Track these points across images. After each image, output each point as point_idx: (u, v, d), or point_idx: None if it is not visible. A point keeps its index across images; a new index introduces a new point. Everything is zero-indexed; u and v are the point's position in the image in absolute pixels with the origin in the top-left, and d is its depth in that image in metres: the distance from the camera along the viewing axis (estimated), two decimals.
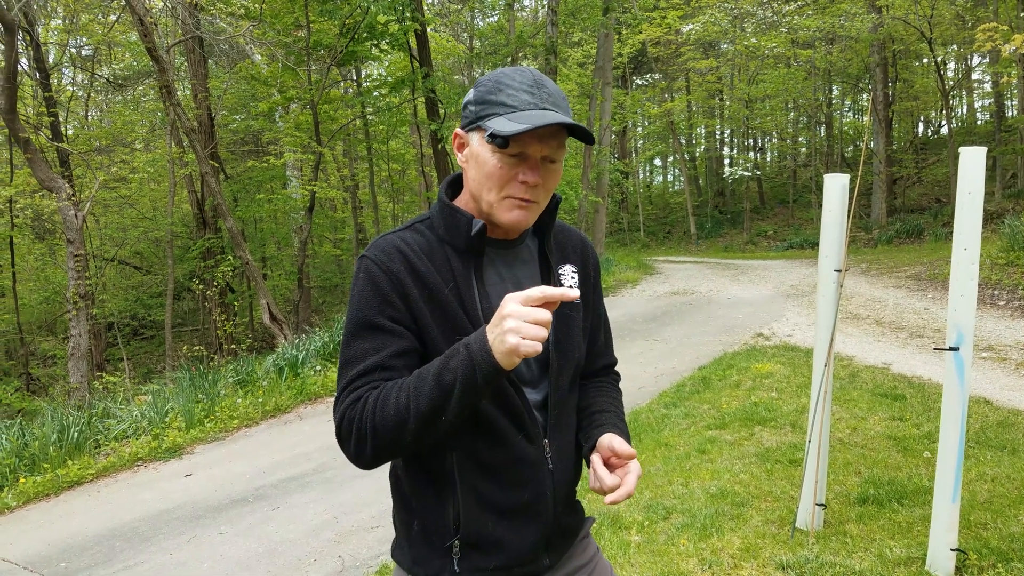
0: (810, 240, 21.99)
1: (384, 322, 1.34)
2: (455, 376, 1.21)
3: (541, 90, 1.34)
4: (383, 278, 1.35)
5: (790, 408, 6.03)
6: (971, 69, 27.58)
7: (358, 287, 1.37)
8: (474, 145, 1.37)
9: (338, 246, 22.81)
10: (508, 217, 1.36)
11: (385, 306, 1.34)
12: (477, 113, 1.36)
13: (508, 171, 1.33)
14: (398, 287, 1.34)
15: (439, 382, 1.22)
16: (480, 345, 1.20)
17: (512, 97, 1.32)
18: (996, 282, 10.53)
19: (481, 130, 1.34)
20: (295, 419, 7.84)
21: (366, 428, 1.27)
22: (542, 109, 1.31)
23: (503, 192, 1.34)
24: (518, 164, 1.33)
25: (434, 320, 1.35)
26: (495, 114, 1.32)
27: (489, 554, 1.41)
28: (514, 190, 1.34)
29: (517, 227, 1.38)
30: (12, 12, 10.32)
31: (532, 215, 1.38)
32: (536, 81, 1.34)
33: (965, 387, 3.15)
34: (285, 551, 4.53)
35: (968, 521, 3.66)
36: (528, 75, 1.35)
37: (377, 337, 1.34)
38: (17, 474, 6.65)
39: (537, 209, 1.39)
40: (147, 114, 20.94)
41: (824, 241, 3.69)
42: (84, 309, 10.65)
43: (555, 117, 1.28)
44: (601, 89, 18.94)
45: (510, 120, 1.29)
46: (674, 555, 3.61)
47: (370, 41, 14.05)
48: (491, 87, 1.35)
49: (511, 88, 1.33)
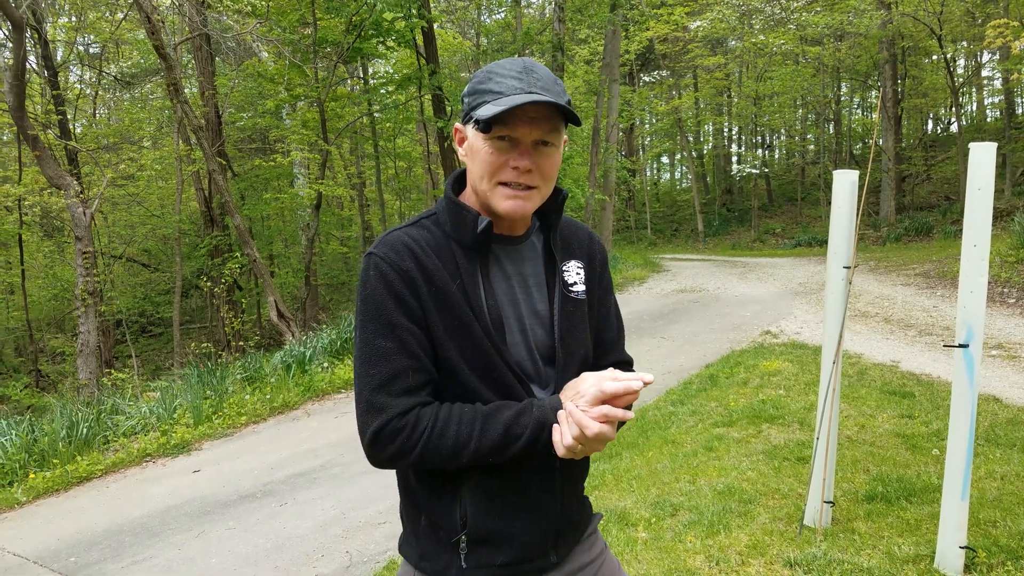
0: (818, 238, 21.91)
1: (403, 320, 1.33)
2: (523, 432, 1.30)
3: (530, 75, 1.33)
4: (395, 276, 1.34)
5: (798, 406, 6.01)
6: (981, 66, 27.43)
7: (370, 285, 1.36)
8: (469, 136, 1.38)
9: (345, 244, 22.84)
10: (504, 206, 1.35)
11: (400, 304, 1.34)
12: (470, 104, 1.36)
13: (499, 157, 1.33)
14: (410, 284, 1.34)
15: (507, 432, 1.30)
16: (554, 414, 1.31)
17: (499, 84, 1.32)
18: (1006, 280, 10.48)
19: (474, 121, 1.34)
20: (303, 416, 7.86)
21: (416, 445, 1.30)
22: (528, 92, 1.31)
23: (495, 179, 1.34)
24: (509, 149, 1.33)
25: (440, 317, 1.35)
26: (484, 102, 1.33)
27: (497, 549, 1.41)
28: (506, 175, 1.34)
29: (513, 216, 1.37)
30: (20, 10, 10.36)
31: (530, 203, 1.37)
32: (525, 67, 1.34)
33: (974, 384, 3.13)
34: (293, 546, 4.54)
35: (977, 519, 3.64)
36: (518, 63, 1.36)
37: (398, 336, 1.33)
38: (27, 469, 6.69)
39: (536, 196, 1.38)
40: (155, 112, 20.99)
41: (833, 238, 3.67)
42: (93, 306, 10.69)
43: (533, 97, 1.28)
44: (608, 86, 18.89)
45: (494, 105, 1.29)
46: (681, 552, 3.60)
47: (377, 38, 14.04)
48: (482, 78, 1.36)
49: (499, 76, 1.34)
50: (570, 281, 1.51)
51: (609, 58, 19.24)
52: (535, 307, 1.46)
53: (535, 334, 1.44)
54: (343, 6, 12.61)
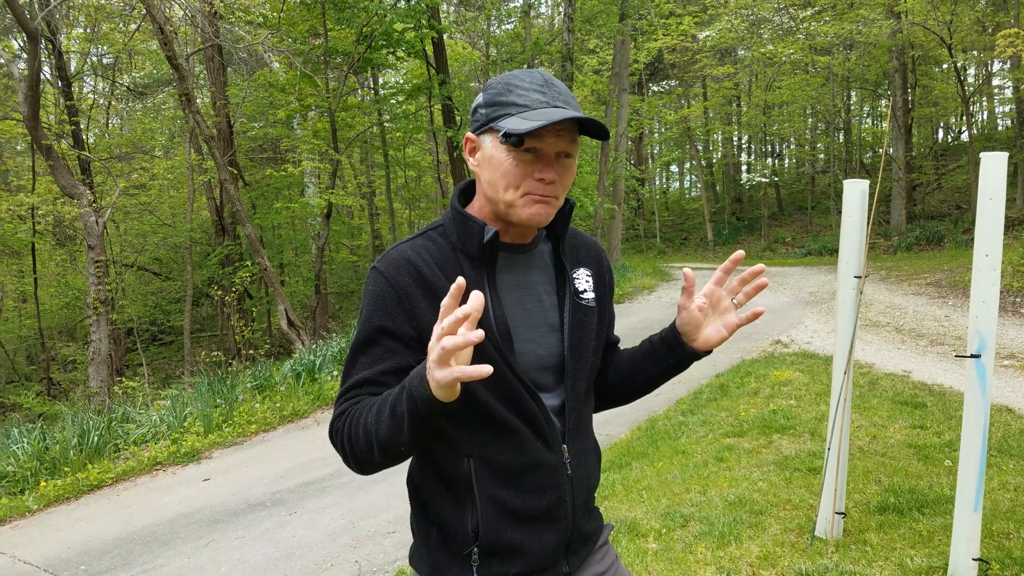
0: (828, 247, 21.81)
1: (382, 338, 1.36)
2: (403, 409, 1.22)
3: (551, 89, 1.34)
4: (389, 292, 1.36)
5: (809, 416, 5.98)
6: (992, 75, 27.34)
7: (365, 300, 1.40)
8: (487, 147, 1.37)
9: (355, 252, 22.91)
10: (528, 212, 1.35)
11: (387, 321, 1.36)
12: (488, 115, 1.36)
13: (524, 169, 1.33)
14: (404, 301, 1.35)
15: (393, 414, 1.24)
16: (419, 381, 1.19)
17: (523, 97, 1.33)
18: (1018, 289, 10.41)
19: (494, 132, 1.34)
20: (312, 424, 7.87)
21: (346, 443, 1.33)
22: (554, 107, 1.32)
23: (520, 190, 1.34)
24: (534, 162, 1.33)
25: None
26: (507, 114, 1.33)
27: (509, 561, 1.40)
28: (531, 187, 1.34)
29: (536, 223, 1.37)
30: (35, 21, 10.47)
31: (551, 210, 1.38)
32: (546, 81, 1.35)
33: (987, 395, 3.11)
34: (302, 556, 4.54)
35: (990, 530, 3.61)
36: (537, 75, 1.36)
37: (374, 352, 1.37)
38: (38, 477, 6.72)
39: (556, 205, 1.39)
40: (167, 122, 21.18)
41: (844, 247, 3.66)
42: (104, 314, 10.75)
43: (569, 113, 1.29)
44: (617, 95, 18.93)
45: (523, 119, 1.29)
46: (692, 563, 3.59)
47: (387, 49, 14.13)
48: (501, 89, 1.36)
49: (521, 88, 1.34)
50: (580, 289, 1.51)
51: (618, 68, 19.29)
52: (546, 315, 1.46)
53: (545, 342, 1.45)
54: (354, 17, 12.69)
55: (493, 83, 1.39)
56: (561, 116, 1.27)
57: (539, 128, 1.26)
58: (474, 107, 1.41)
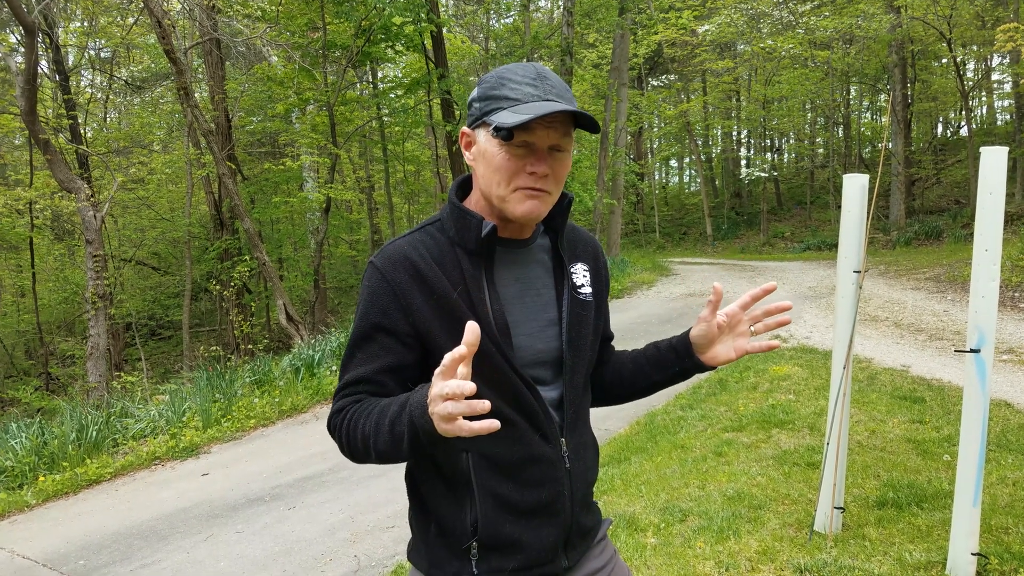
0: (828, 242, 21.83)
1: (378, 335, 1.37)
2: (403, 431, 1.23)
3: (544, 82, 1.33)
4: (385, 288, 1.36)
5: (808, 411, 5.99)
6: (991, 69, 27.31)
7: (362, 296, 1.40)
8: (481, 142, 1.36)
9: (354, 247, 22.90)
10: (521, 208, 1.35)
11: (382, 318, 1.36)
12: (482, 109, 1.35)
13: (516, 163, 1.32)
14: (400, 297, 1.35)
15: (392, 431, 1.25)
16: (420, 412, 1.18)
17: (515, 90, 1.32)
18: (1017, 284, 10.42)
19: (487, 126, 1.34)
20: (311, 419, 7.87)
21: (343, 440, 1.36)
22: (545, 100, 1.31)
23: (512, 184, 1.34)
24: (526, 156, 1.32)
25: (442, 325, 1.35)
26: (499, 108, 1.32)
27: (508, 555, 1.40)
28: (524, 181, 1.33)
29: (530, 218, 1.37)
30: (32, 15, 10.43)
31: (545, 205, 1.37)
32: (539, 74, 1.34)
33: (986, 389, 3.11)
34: (301, 550, 4.54)
35: (989, 525, 3.61)
36: (530, 68, 1.35)
37: (370, 348, 1.38)
38: (37, 472, 6.71)
39: (549, 200, 1.38)
40: (165, 116, 21.11)
41: (843, 242, 3.66)
42: (102, 309, 10.74)
43: (558, 106, 1.28)
44: (617, 90, 18.90)
45: (514, 112, 1.29)
46: (690, 558, 3.59)
47: (386, 42, 14.10)
48: (494, 83, 1.35)
49: (513, 82, 1.33)
50: (578, 283, 1.51)
51: (618, 62, 19.26)
52: (544, 309, 1.46)
53: (544, 336, 1.44)
54: (352, 10, 12.66)
55: (487, 77, 1.38)
56: (549, 109, 1.26)
57: (528, 121, 1.26)
58: (469, 101, 1.41)
